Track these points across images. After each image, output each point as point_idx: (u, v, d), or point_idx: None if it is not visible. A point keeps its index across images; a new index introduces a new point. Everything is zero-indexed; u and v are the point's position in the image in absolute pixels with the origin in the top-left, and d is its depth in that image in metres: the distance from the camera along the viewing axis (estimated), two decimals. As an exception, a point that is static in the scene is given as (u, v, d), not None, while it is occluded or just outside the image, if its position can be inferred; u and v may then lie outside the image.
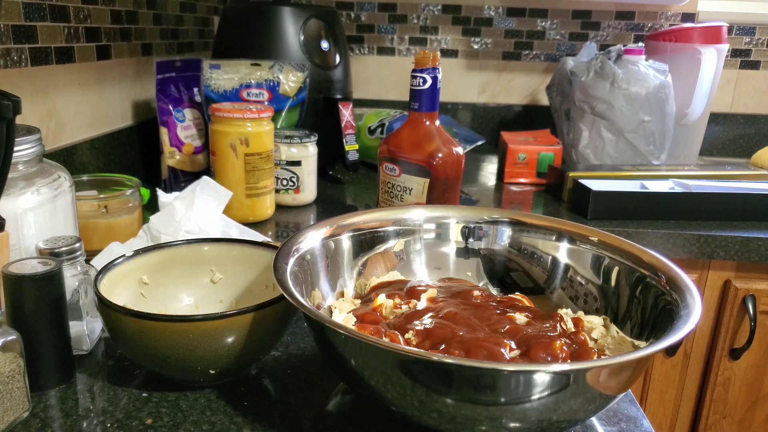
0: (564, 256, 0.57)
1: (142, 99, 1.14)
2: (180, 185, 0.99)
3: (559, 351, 0.44)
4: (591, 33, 1.54)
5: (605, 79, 1.17)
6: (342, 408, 0.48)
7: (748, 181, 1.06)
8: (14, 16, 0.75)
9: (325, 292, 0.53)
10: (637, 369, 0.40)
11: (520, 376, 0.35)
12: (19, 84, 0.77)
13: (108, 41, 0.99)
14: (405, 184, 0.75)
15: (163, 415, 0.45)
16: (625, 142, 1.19)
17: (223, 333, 0.45)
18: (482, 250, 0.60)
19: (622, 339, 0.48)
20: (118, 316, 0.45)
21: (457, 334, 0.45)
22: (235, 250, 0.58)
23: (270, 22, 1.12)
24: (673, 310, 0.43)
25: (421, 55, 0.72)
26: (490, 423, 0.37)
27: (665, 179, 1.06)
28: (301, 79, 1.07)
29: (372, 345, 0.37)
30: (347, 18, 1.57)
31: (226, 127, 0.87)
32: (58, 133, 0.87)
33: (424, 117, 0.74)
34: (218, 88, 1.02)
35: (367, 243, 0.58)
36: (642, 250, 0.51)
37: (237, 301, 0.58)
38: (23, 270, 0.45)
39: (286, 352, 0.55)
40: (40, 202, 0.54)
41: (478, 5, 1.54)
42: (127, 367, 0.52)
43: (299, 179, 0.98)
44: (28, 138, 0.54)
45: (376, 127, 1.28)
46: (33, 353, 0.46)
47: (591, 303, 0.53)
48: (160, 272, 0.56)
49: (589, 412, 0.40)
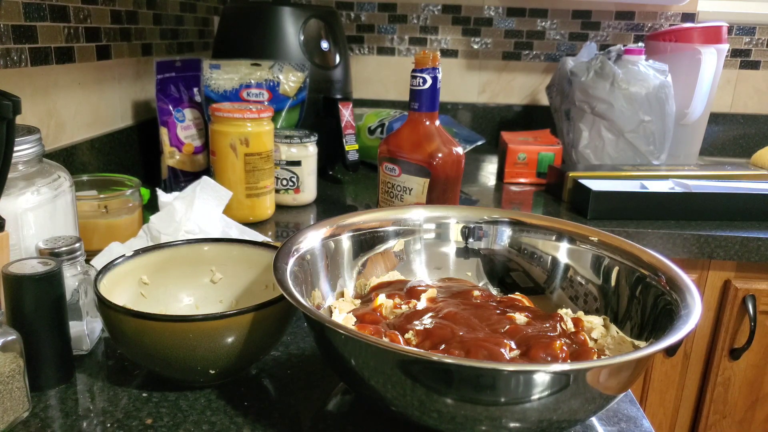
0: (564, 256, 0.56)
1: (142, 99, 1.14)
2: (180, 185, 0.99)
3: (559, 351, 0.44)
4: (591, 33, 1.54)
5: (605, 79, 1.17)
6: (342, 408, 0.48)
7: (748, 181, 1.06)
8: (14, 16, 0.75)
9: (325, 292, 0.53)
10: (637, 369, 0.40)
11: (520, 376, 0.35)
12: (19, 84, 0.77)
13: (108, 41, 0.99)
14: (405, 184, 0.75)
15: (163, 415, 0.45)
16: (625, 142, 1.19)
17: (223, 333, 0.45)
18: (482, 250, 0.60)
19: (622, 339, 0.48)
20: (118, 316, 0.45)
21: (457, 334, 0.45)
22: (235, 250, 0.58)
23: (270, 22, 1.12)
24: (673, 310, 0.43)
25: (421, 55, 0.72)
26: (490, 423, 0.37)
27: (665, 179, 1.06)
28: (301, 79, 1.07)
29: (372, 345, 0.37)
30: (347, 18, 1.57)
31: (226, 127, 0.87)
32: (58, 133, 0.87)
33: (424, 117, 0.74)
34: (218, 88, 1.02)
35: (367, 243, 0.58)
36: (642, 250, 0.51)
37: (237, 301, 0.58)
38: (23, 270, 0.45)
39: (286, 352, 0.55)
40: (40, 202, 0.54)
41: (478, 5, 1.54)
42: (127, 367, 0.52)
43: (299, 179, 0.98)
44: (28, 138, 0.54)
45: (376, 127, 1.28)
46: (33, 353, 0.46)
47: (591, 303, 0.53)
48: (160, 272, 0.56)
49: (589, 412, 0.40)
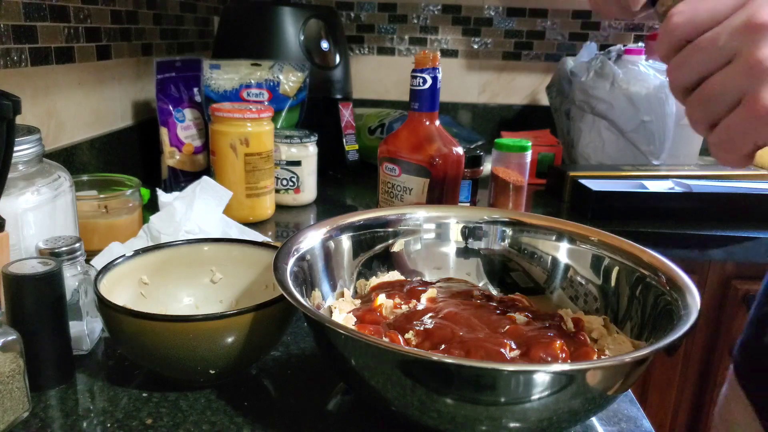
0: (564, 256, 0.56)
1: (142, 99, 1.14)
2: (180, 185, 0.99)
3: (559, 351, 0.44)
4: (591, 33, 1.54)
5: (605, 79, 1.17)
6: (342, 408, 0.48)
7: (748, 181, 1.06)
8: (14, 16, 0.75)
9: (325, 292, 0.53)
10: (637, 369, 0.40)
11: (520, 376, 0.35)
12: (19, 84, 0.77)
13: (108, 41, 0.99)
14: (405, 184, 0.75)
15: (163, 415, 0.45)
16: (625, 142, 1.19)
17: (223, 333, 0.44)
18: (482, 250, 0.60)
19: (622, 339, 0.48)
20: (118, 316, 0.45)
21: (457, 335, 0.45)
22: (235, 250, 0.58)
23: (270, 22, 1.12)
24: (673, 310, 0.43)
25: (421, 55, 0.72)
26: (490, 423, 0.37)
27: (665, 179, 1.06)
28: (301, 79, 1.07)
29: (372, 345, 0.37)
30: (347, 18, 1.57)
31: (226, 127, 0.87)
32: (58, 133, 0.87)
33: (424, 117, 0.74)
34: (218, 88, 1.02)
35: (367, 243, 0.58)
36: (642, 250, 0.51)
37: (237, 301, 0.58)
38: (23, 270, 0.45)
39: (286, 352, 0.55)
40: (40, 202, 0.54)
41: (478, 5, 1.54)
42: (127, 367, 0.52)
43: (299, 179, 0.98)
44: (28, 138, 0.54)
45: (376, 127, 1.28)
46: (33, 353, 0.46)
47: (591, 303, 0.53)
48: (160, 272, 0.56)
49: (589, 412, 0.40)
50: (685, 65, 0.36)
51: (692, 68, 0.35)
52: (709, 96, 0.35)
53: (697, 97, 0.36)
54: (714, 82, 0.35)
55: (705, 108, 0.36)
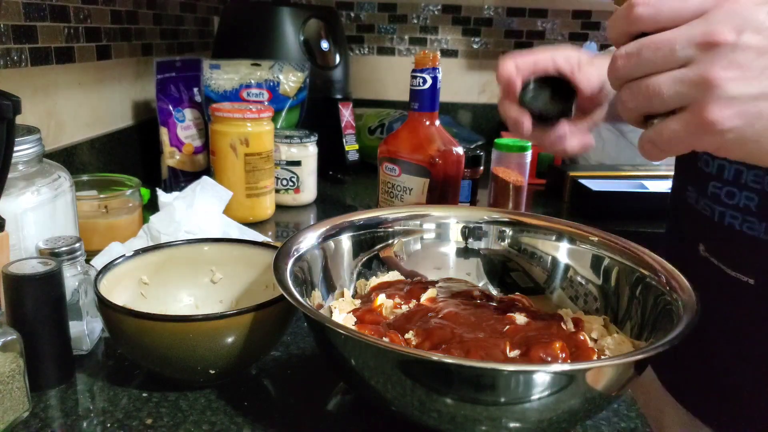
0: (564, 256, 0.56)
1: (142, 99, 1.14)
2: (180, 185, 0.99)
3: (559, 351, 0.44)
4: (591, 33, 1.54)
5: (605, 79, 1.17)
6: (342, 408, 0.48)
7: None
8: (14, 16, 0.75)
9: (324, 292, 0.53)
10: (637, 369, 0.40)
11: (519, 377, 0.35)
12: (19, 84, 0.77)
13: (108, 41, 0.99)
14: (405, 184, 0.75)
15: (163, 415, 0.45)
16: (625, 142, 1.19)
17: (223, 333, 0.44)
18: (482, 250, 0.60)
19: (622, 339, 0.48)
20: (118, 316, 0.45)
21: (457, 335, 0.45)
22: (235, 250, 0.58)
23: (270, 22, 1.12)
24: (673, 310, 0.43)
25: (421, 56, 0.72)
26: (490, 423, 0.37)
27: (665, 179, 1.05)
28: (301, 79, 1.07)
29: (372, 345, 0.37)
30: (347, 18, 1.57)
31: (226, 127, 0.87)
32: (58, 133, 0.87)
33: (424, 117, 0.74)
34: (218, 88, 1.02)
35: (367, 243, 0.58)
36: (642, 250, 0.51)
37: (237, 301, 0.58)
38: (23, 270, 0.45)
39: (286, 352, 0.55)
40: (40, 202, 0.54)
41: (478, 5, 1.54)
42: (127, 367, 0.51)
43: (299, 179, 0.98)
44: (28, 138, 0.54)
45: (376, 127, 1.28)
46: (33, 353, 0.46)
47: (591, 303, 0.53)
48: (160, 272, 0.56)
49: (588, 412, 0.40)
50: (636, 58, 0.36)
51: (642, 63, 0.35)
52: (653, 92, 0.35)
53: (640, 88, 0.36)
54: (662, 82, 0.35)
55: (645, 101, 0.36)
